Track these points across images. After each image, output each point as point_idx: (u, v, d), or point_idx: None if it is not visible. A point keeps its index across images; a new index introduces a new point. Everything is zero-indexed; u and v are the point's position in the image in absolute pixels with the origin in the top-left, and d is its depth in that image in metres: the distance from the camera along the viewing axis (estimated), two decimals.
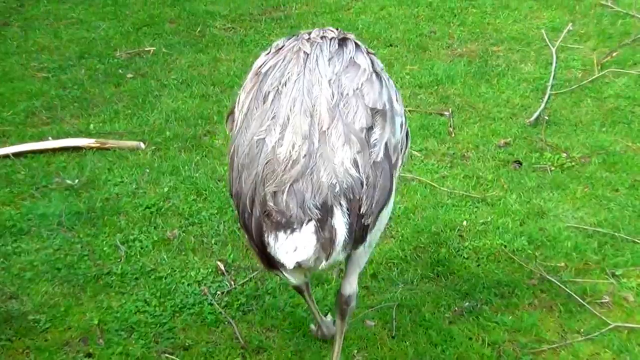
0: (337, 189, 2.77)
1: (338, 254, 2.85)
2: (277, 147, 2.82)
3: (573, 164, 5.56)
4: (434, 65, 7.13)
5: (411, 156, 5.63)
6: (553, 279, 4.42)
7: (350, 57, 3.06)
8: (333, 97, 2.89)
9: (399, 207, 5.05)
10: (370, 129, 2.90)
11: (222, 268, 4.56)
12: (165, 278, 4.48)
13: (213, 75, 7.00)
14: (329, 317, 4.10)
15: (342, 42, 3.14)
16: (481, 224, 4.94)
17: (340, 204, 2.79)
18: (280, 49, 3.16)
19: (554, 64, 6.42)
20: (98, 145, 5.75)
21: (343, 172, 2.79)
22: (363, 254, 3.34)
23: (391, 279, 4.50)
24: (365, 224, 2.87)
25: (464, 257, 4.67)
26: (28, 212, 5.00)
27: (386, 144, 2.94)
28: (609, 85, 6.67)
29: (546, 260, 4.62)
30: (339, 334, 3.63)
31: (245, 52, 7.50)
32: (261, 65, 3.13)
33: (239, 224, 3.01)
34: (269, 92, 2.97)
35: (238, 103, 3.16)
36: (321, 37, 3.14)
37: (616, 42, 7.47)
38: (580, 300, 4.27)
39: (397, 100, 3.16)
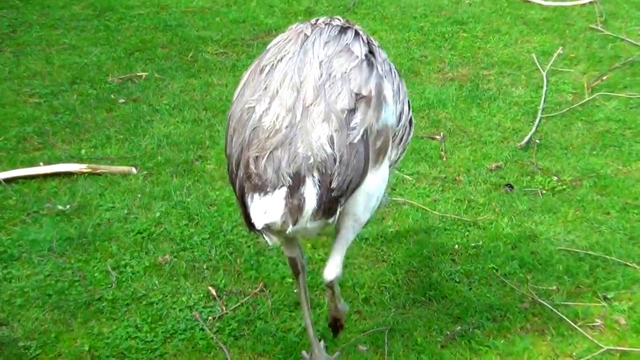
0: (311, 161, 2.99)
1: (306, 222, 3.05)
2: (264, 116, 3.10)
3: (564, 187, 5.58)
4: (425, 89, 7.15)
5: (403, 180, 5.64)
6: (545, 303, 4.43)
7: (346, 44, 3.27)
8: (321, 76, 3.13)
9: (391, 231, 5.06)
10: (352, 111, 3.10)
11: (214, 293, 4.55)
12: (157, 303, 4.47)
13: (205, 100, 7.00)
14: (322, 343, 4.08)
15: (344, 30, 3.34)
16: (473, 247, 4.95)
17: (313, 175, 3.00)
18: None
19: (544, 88, 6.47)
20: (89, 170, 5.74)
21: (318, 146, 3.01)
22: (351, 229, 3.46)
23: (383, 303, 4.49)
24: (335, 198, 3.06)
25: (455, 281, 4.67)
26: (19, 237, 4.99)
27: (367, 129, 3.13)
28: (600, 109, 6.70)
29: (538, 283, 4.62)
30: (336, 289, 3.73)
31: (237, 76, 7.49)
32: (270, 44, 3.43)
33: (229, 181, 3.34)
34: (265, 65, 3.24)
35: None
36: (326, 24, 3.37)
37: (606, 65, 7.54)
38: (572, 324, 4.27)
39: (393, 89, 3.34)
